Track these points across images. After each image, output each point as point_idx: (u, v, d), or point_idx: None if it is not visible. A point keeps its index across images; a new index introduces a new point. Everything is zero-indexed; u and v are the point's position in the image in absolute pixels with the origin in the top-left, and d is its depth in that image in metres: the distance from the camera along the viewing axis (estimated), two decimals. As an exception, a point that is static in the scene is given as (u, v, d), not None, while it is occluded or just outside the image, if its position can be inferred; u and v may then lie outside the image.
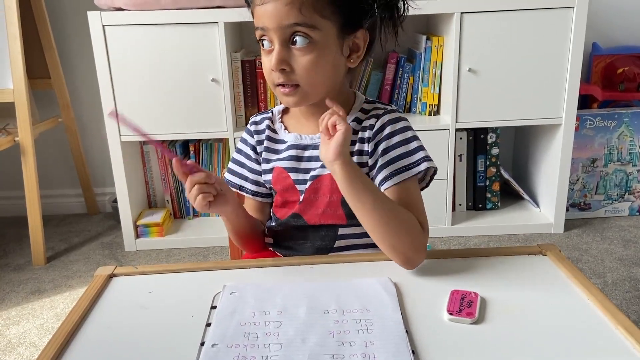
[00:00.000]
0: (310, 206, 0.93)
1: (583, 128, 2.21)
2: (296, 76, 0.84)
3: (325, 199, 0.92)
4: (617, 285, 1.80)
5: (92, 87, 2.29)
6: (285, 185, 0.95)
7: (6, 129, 2.11)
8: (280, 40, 0.82)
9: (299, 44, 0.82)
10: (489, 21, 1.95)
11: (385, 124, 0.91)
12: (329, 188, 0.91)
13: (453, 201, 2.25)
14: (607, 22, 2.33)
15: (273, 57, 0.83)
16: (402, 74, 2.16)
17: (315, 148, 0.92)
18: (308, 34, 0.82)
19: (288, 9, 0.80)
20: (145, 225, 2.17)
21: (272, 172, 0.96)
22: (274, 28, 0.82)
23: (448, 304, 0.71)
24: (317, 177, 0.92)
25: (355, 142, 0.92)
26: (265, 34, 0.84)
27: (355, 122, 0.92)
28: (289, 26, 0.81)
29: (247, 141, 1.00)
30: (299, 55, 0.83)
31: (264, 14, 0.82)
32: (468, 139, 2.21)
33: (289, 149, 0.95)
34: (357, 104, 0.94)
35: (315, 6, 0.81)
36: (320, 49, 0.83)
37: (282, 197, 0.96)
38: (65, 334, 0.69)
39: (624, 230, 2.20)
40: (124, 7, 1.91)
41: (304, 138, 0.94)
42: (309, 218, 0.94)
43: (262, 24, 0.83)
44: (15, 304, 1.81)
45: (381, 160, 0.89)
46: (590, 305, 0.71)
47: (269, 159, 0.97)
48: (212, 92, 2.00)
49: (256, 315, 0.71)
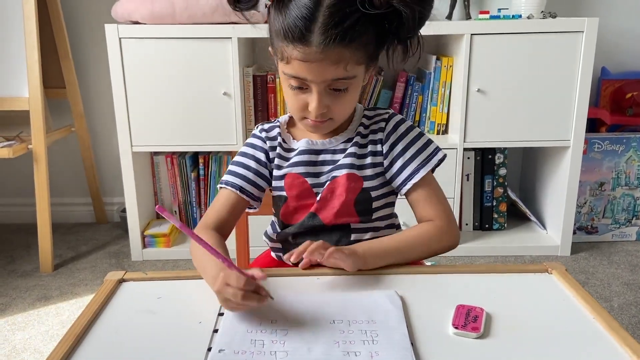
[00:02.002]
0: (326, 205, 0.96)
1: (591, 151, 2.21)
2: (332, 114, 0.90)
3: (342, 199, 0.95)
4: (623, 309, 1.79)
5: (106, 97, 2.33)
6: (302, 189, 0.96)
7: (20, 136, 2.14)
8: (321, 89, 0.86)
9: (341, 91, 0.88)
10: (499, 43, 1.97)
11: (396, 125, 0.98)
12: (345, 188, 0.94)
13: (460, 221, 2.25)
14: (616, 46, 2.35)
15: (314, 102, 0.87)
16: (412, 92, 2.18)
17: (327, 152, 0.97)
18: (349, 82, 0.87)
19: (335, 67, 0.83)
20: (152, 236, 2.19)
21: (283, 178, 0.97)
22: (317, 82, 0.85)
23: (453, 318, 0.71)
24: (334, 177, 0.95)
25: (367, 144, 0.97)
26: (302, 82, 0.86)
27: (362, 127, 0.98)
28: (334, 80, 0.86)
29: (258, 145, 1.00)
30: (338, 97, 0.88)
31: (307, 69, 0.84)
32: (476, 159, 2.22)
33: (300, 154, 0.97)
34: (359, 112, 1.01)
35: (358, 58, 0.85)
36: (355, 88, 0.90)
37: (296, 202, 0.97)
38: (74, 337, 0.70)
39: (631, 254, 2.19)
40: (141, 20, 1.96)
41: (316, 143, 0.98)
42: (324, 217, 0.96)
43: (302, 76, 0.85)
44: (21, 309, 1.82)
45: (401, 160, 0.96)
46: (596, 323, 0.71)
47: (280, 166, 0.98)
48: (224, 106, 2.03)
49: (263, 323, 0.71)
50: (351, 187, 0.94)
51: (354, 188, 0.94)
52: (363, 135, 0.98)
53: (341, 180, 0.95)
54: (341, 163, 0.96)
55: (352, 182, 0.94)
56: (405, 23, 0.82)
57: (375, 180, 0.96)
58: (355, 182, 0.95)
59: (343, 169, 0.95)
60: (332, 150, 0.97)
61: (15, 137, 2.14)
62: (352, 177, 0.95)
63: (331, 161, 0.97)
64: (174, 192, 2.31)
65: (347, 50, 0.82)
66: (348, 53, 0.83)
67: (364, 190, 0.95)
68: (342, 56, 0.82)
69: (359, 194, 0.95)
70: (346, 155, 0.96)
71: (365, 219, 0.96)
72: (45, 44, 2.12)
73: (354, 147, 0.96)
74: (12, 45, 2.04)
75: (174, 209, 2.34)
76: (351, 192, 0.94)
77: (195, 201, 2.31)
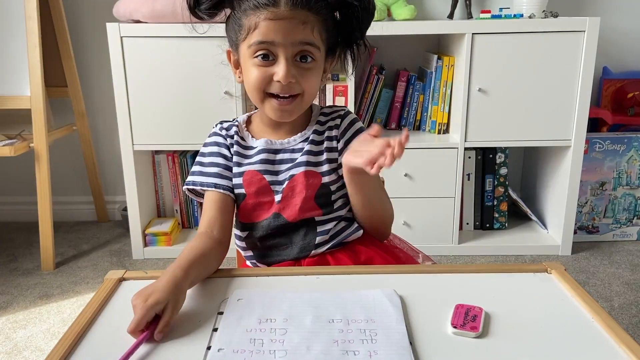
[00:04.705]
0: (288, 203, 0.97)
1: (592, 151, 2.21)
2: (300, 88, 0.91)
3: (302, 195, 0.96)
4: (623, 309, 1.79)
5: (107, 96, 2.34)
6: (261, 186, 0.97)
7: (22, 135, 2.15)
8: (288, 56, 0.88)
9: (307, 62, 0.90)
10: (500, 43, 1.97)
11: (351, 122, 1.01)
12: (304, 185, 0.97)
13: (460, 220, 2.25)
14: (618, 46, 2.34)
15: (282, 69, 0.88)
16: (413, 92, 2.18)
17: (285, 152, 0.99)
18: (313, 54, 0.90)
19: (302, 28, 0.88)
20: (153, 234, 2.19)
21: (242, 175, 0.98)
22: (285, 43, 0.88)
23: (452, 318, 0.72)
24: (292, 176, 0.97)
25: (323, 141, 1.00)
26: (269, 48, 0.88)
27: (318, 124, 1.01)
28: (300, 44, 0.88)
29: (221, 142, 1.02)
30: (304, 71, 0.90)
31: (276, 28, 0.87)
32: (477, 158, 2.22)
33: (260, 153, 0.99)
34: (316, 110, 1.04)
35: (320, 29, 0.90)
36: (317, 68, 0.93)
37: (255, 199, 0.98)
38: (75, 335, 0.70)
39: (632, 254, 2.19)
40: (142, 19, 1.96)
41: (275, 143, 1.00)
42: (288, 215, 0.97)
43: (271, 38, 0.87)
44: (22, 307, 1.83)
45: None
46: (594, 323, 0.71)
47: (240, 163, 0.99)
48: (225, 105, 2.03)
49: (262, 322, 0.72)
50: (310, 183, 0.96)
51: (313, 184, 0.97)
52: (319, 133, 1.00)
53: (299, 177, 0.97)
54: (299, 161, 0.98)
55: (310, 178, 0.97)
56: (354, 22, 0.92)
57: (332, 174, 0.99)
58: (313, 178, 0.97)
59: (300, 167, 0.97)
60: (290, 149, 0.99)
61: (17, 135, 2.14)
62: (310, 174, 0.97)
63: (289, 159, 0.98)
64: (175, 191, 2.32)
65: (312, 15, 0.88)
66: (313, 18, 0.88)
67: (323, 185, 0.98)
68: (308, 18, 0.88)
69: (319, 189, 0.97)
70: (303, 153, 0.98)
71: (328, 211, 0.98)
72: (47, 43, 2.12)
73: (310, 145, 0.99)
74: (14, 44, 2.04)
75: (175, 207, 2.34)
76: (310, 188, 0.97)
77: (196, 200, 2.31)
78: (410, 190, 2.10)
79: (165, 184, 2.33)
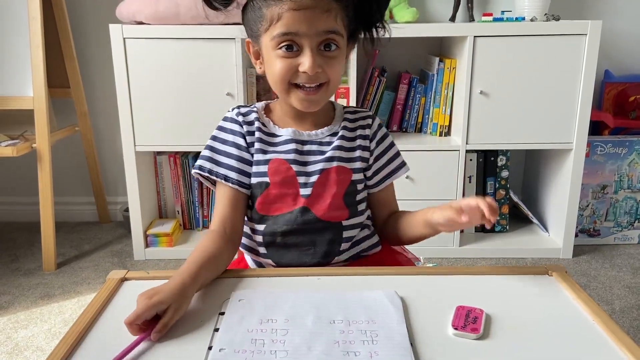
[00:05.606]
0: (318, 199, 0.95)
1: (594, 154, 2.21)
2: (326, 77, 0.90)
3: (333, 191, 0.95)
4: (624, 312, 1.79)
5: (109, 97, 2.34)
6: (287, 176, 0.94)
7: (24, 135, 2.16)
8: (313, 46, 0.87)
9: (331, 50, 0.89)
10: (502, 46, 1.97)
11: (380, 125, 1.03)
12: (335, 181, 0.95)
13: (461, 222, 2.25)
14: (620, 49, 2.34)
15: (308, 60, 0.86)
16: (414, 94, 2.19)
17: (313, 143, 0.97)
18: (337, 42, 0.89)
19: (326, 17, 0.86)
20: (155, 235, 2.19)
21: (267, 163, 0.95)
22: (310, 34, 0.86)
23: (453, 319, 0.72)
24: (323, 170, 0.95)
25: (356, 138, 0.99)
26: (294, 39, 0.87)
27: (347, 121, 1.00)
28: (325, 32, 0.87)
29: (236, 130, 0.98)
30: (329, 59, 0.89)
31: (300, 19, 0.85)
32: (478, 161, 2.22)
33: (288, 142, 0.96)
34: (339, 107, 1.04)
35: (342, 16, 0.89)
36: (341, 56, 0.92)
37: (278, 189, 0.94)
38: (76, 335, 0.70)
39: (633, 258, 2.18)
40: (145, 21, 1.96)
41: (302, 134, 0.98)
42: (317, 210, 0.95)
43: (295, 29, 0.86)
44: (24, 308, 1.83)
45: (377, 164, 1.01)
46: (595, 326, 0.72)
47: (264, 150, 0.96)
48: (227, 106, 1.99)
49: (263, 322, 0.72)
50: (340, 179, 0.95)
51: (343, 180, 0.96)
52: (350, 129, 0.99)
53: (331, 172, 0.95)
54: (330, 155, 0.96)
55: (341, 174, 0.96)
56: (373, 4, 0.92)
57: (360, 173, 0.99)
58: (344, 174, 0.96)
59: (333, 162, 0.96)
60: (318, 141, 0.97)
61: (19, 136, 2.15)
62: (341, 170, 0.96)
63: (318, 152, 0.96)
64: (177, 192, 2.32)
65: (334, 2, 0.87)
66: (335, 5, 0.87)
67: (352, 182, 0.97)
68: (331, 6, 0.86)
69: (348, 186, 0.96)
70: (334, 147, 0.96)
71: (353, 212, 0.97)
72: (49, 44, 2.13)
73: (340, 140, 0.97)
74: (17, 45, 2.05)
75: (176, 208, 2.34)
76: (341, 184, 0.96)
77: (198, 201, 2.32)
78: (412, 192, 2.10)
79: (166, 185, 2.33)
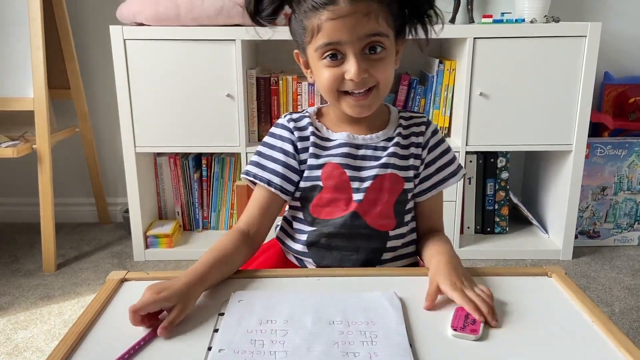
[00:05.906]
0: (371, 205, 0.94)
1: (593, 156, 2.21)
2: (374, 79, 0.88)
3: (384, 199, 0.94)
4: (624, 314, 1.79)
5: (110, 98, 2.34)
6: (340, 181, 0.94)
7: (24, 136, 2.16)
8: (356, 52, 0.85)
9: (376, 52, 0.86)
10: (502, 47, 1.98)
11: (434, 132, 0.99)
12: (388, 189, 0.94)
13: (461, 224, 2.26)
14: (619, 51, 2.35)
15: (352, 67, 0.85)
16: (414, 95, 2.19)
17: (367, 148, 0.96)
18: (382, 43, 0.86)
19: (366, 20, 0.83)
20: (155, 236, 2.19)
21: (321, 167, 0.94)
22: (351, 41, 0.84)
23: (452, 320, 0.72)
24: (377, 176, 0.94)
25: (409, 146, 0.97)
26: (336, 48, 0.85)
27: (401, 127, 0.98)
28: (367, 36, 0.85)
29: (285, 137, 0.97)
30: (375, 62, 0.87)
31: (340, 27, 0.83)
32: (478, 162, 2.23)
33: (341, 146, 0.95)
34: (394, 111, 1.01)
35: (385, 15, 0.86)
36: (389, 56, 0.89)
37: (332, 194, 0.94)
38: (76, 336, 0.70)
39: (633, 259, 2.18)
40: (145, 22, 1.97)
41: (357, 138, 0.96)
42: (367, 217, 0.94)
43: (336, 39, 0.84)
44: (24, 308, 1.83)
45: (425, 172, 0.98)
46: (594, 327, 0.72)
47: (318, 155, 0.95)
48: (227, 108, 2.04)
49: (263, 323, 0.72)
50: (394, 188, 0.94)
51: (396, 189, 0.94)
52: (404, 136, 0.97)
53: (385, 180, 0.94)
54: (385, 162, 0.94)
55: (394, 182, 0.94)
56: None
57: (411, 182, 0.97)
58: (397, 183, 0.95)
59: (387, 169, 0.94)
60: (373, 146, 0.95)
61: (19, 137, 2.15)
62: (395, 178, 0.94)
63: (372, 157, 0.95)
64: (177, 193, 2.32)
65: (374, 4, 0.84)
66: (375, 6, 0.84)
67: (404, 191, 0.95)
68: (370, 8, 0.84)
69: (399, 195, 0.95)
70: (388, 154, 0.94)
71: (399, 222, 0.96)
72: (50, 45, 2.13)
73: (396, 147, 0.95)
74: (17, 46, 2.05)
75: (176, 210, 2.34)
76: (394, 193, 0.94)
77: (198, 202, 2.32)
78: (412, 193, 2.10)
79: (166, 186, 2.33)
